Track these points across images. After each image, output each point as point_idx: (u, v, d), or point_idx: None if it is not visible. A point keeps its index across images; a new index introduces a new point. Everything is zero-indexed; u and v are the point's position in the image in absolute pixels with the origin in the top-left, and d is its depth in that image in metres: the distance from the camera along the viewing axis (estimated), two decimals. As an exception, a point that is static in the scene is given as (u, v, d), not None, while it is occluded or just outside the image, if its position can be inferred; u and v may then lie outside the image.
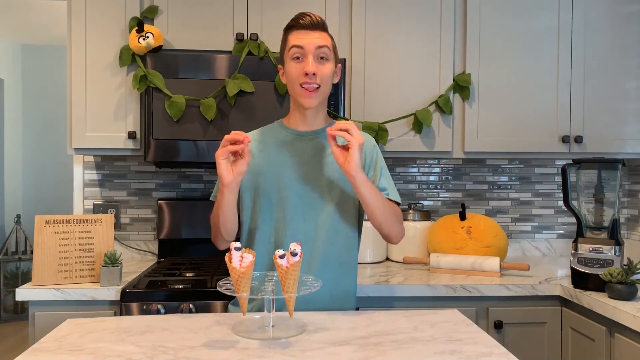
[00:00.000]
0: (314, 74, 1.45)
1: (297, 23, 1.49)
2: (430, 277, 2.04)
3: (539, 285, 1.93)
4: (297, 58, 1.47)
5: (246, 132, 1.68)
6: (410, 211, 2.40)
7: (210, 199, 1.63)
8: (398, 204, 1.56)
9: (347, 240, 1.54)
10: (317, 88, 1.47)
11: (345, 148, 1.38)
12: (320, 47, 1.46)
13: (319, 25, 1.49)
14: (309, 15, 1.48)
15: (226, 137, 1.36)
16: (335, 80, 1.56)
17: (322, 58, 1.47)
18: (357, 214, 1.57)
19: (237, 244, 1.18)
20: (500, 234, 2.20)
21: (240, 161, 1.38)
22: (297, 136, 1.56)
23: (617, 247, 1.81)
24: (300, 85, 1.46)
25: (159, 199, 2.41)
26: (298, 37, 1.47)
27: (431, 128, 2.26)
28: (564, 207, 2.30)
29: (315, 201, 1.51)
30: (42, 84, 5.42)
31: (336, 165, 1.52)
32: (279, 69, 1.57)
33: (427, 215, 2.42)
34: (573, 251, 1.89)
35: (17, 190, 5.38)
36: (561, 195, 2.61)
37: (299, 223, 1.50)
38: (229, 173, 1.38)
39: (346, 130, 1.36)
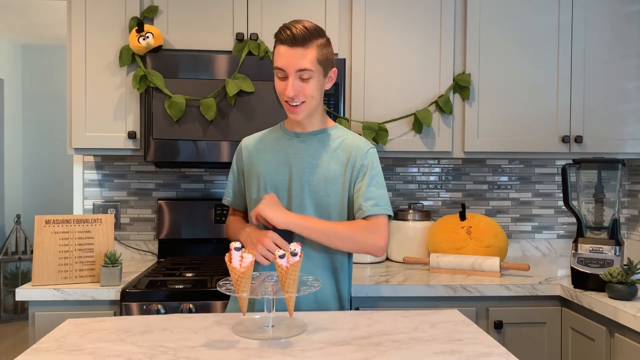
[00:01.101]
0: (295, 96, 1.46)
1: (279, 37, 1.46)
2: (430, 277, 2.04)
3: (539, 285, 1.93)
4: (280, 76, 1.48)
5: (247, 132, 1.70)
6: (410, 211, 2.40)
7: (223, 202, 1.71)
8: (389, 216, 1.54)
9: None
10: (302, 103, 1.47)
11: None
12: (300, 70, 1.44)
13: (300, 40, 1.43)
14: (289, 29, 1.44)
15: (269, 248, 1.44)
16: (328, 87, 1.54)
17: (304, 78, 1.45)
18: (341, 219, 1.55)
19: (237, 244, 1.18)
20: (500, 234, 2.20)
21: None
22: (292, 137, 1.57)
23: (617, 247, 1.81)
24: (285, 101, 1.49)
25: (159, 199, 2.41)
26: (280, 57, 1.45)
27: (431, 128, 2.26)
28: (564, 207, 2.30)
29: (298, 202, 1.51)
30: (42, 84, 5.42)
31: (328, 167, 1.52)
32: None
33: (427, 215, 2.42)
34: (573, 251, 1.89)
35: (17, 190, 5.38)
36: (561, 195, 2.61)
37: None
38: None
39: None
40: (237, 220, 1.67)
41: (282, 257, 1.17)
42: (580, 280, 1.85)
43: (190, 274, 2.00)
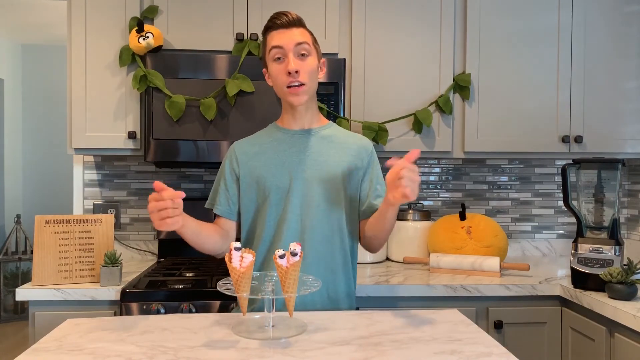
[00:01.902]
0: (297, 72, 1.44)
1: (274, 23, 1.48)
2: (430, 277, 2.04)
3: (539, 285, 1.93)
4: (279, 59, 1.47)
5: (247, 132, 1.69)
6: (410, 211, 2.40)
7: (214, 211, 1.59)
8: None
9: (344, 239, 1.54)
10: (303, 85, 1.47)
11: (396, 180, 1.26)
12: (299, 43, 1.46)
13: (296, 22, 1.48)
14: (284, 14, 1.48)
15: (153, 203, 1.24)
16: (321, 75, 1.55)
17: (302, 54, 1.47)
18: (352, 215, 1.57)
19: (237, 244, 1.18)
20: (500, 234, 2.20)
21: (175, 218, 1.25)
22: (290, 136, 1.56)
23: (617, 247, 1.81)
24: (287, 86, 1.47)
25: (159, 199, 2.41)
26: (276, 37, 1.47)
27: (431, 128, 2.26)
28: (564, 207, 2.31)
29: (310, 200, 1.51)
30: (42, 84, 5.42)
31: (338, 164, 1.52)
32: (263, 73, 1.57)
33: (427, 215, 2.42)
34: (573, 251, 1.89)
35: (17, 190, 5.38)
36: (561, 195, 2.61)
37: (294, 222, 1.50)
38: (174, 225, 1.26)
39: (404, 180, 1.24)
40: (208, 225, 1.52)
41: (282, 257, 1.17)
42: (580, 280, 1.85)
43: (190, 274, 2.00)
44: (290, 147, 1.55)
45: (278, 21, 1.47)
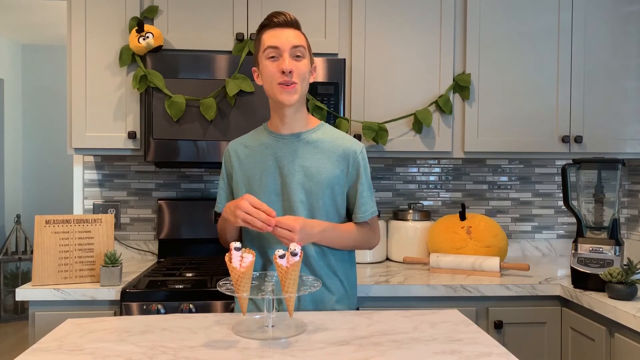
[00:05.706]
0: (290, 72, 1.44)
1: (271, 22, 1.48)
2: (430, 277, 2.04)
3: (539, 285, 1.93)
4: (273, 57, 1.46)
5: (243, 133, 1.69)
6: (410, 211, 2.40)
7: (215, 209, 1.64)
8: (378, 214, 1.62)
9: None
10: (295, 84, 1.46)
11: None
12: (295, 46, 1.46)
13: (293, 23, 1.49)
14: (282, 14, 1.48)
15: (255, 213, 1.36)
16: (312, 80, 1.55)
17: (297, 56, 1.47)
18: (341, 218, 1.57)
19: (237, 244, 1.18)
20: (500, 234, 2.20)
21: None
22: (278, 139, 1.55)
23: (617, 247, 1.81)
24: (278, 84, 1.46)
25: (159, 199, 2.41)
26: (273, 36, 1.46)
27: (431, 128, 2.26)
28: (564, 207, 2.31)
29: (297, 204, 1.50)
30: (42, 84, 5.42)
31: (322, 169, 1.51)
32: (253, 71, 1.56)
33: (427, 215, 2.42)
34: (573, 251, 1.89)
35: (17, 190, 5.38)
36: (561, 195, 2.61)
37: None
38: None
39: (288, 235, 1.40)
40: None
41: (282, 257, 1.17)
42: (580, 280, 1.85)
43: (190, 274, 2.00)
44: (275, 151, 1.54)
45: (275, 19, 1.47)
